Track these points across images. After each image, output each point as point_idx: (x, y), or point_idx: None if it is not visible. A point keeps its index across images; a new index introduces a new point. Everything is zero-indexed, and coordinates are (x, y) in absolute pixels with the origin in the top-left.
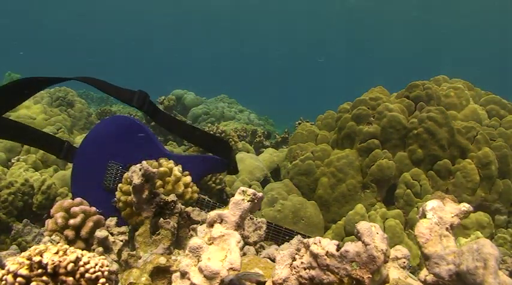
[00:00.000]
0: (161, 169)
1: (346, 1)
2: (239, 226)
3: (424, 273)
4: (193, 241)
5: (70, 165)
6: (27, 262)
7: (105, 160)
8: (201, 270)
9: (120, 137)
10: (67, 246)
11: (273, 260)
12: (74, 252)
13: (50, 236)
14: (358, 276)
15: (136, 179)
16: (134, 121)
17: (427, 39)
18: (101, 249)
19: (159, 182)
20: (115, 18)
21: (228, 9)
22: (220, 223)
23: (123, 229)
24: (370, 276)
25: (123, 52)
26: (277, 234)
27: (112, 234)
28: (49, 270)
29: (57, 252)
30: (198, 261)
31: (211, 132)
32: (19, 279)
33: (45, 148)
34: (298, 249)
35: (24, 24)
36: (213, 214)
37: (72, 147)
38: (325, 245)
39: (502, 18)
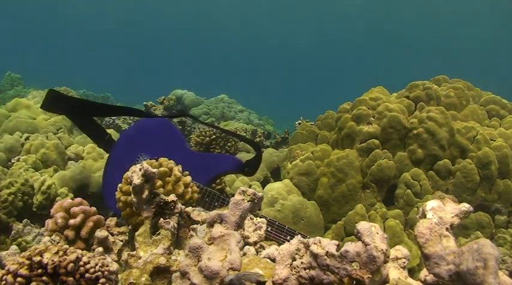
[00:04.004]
0: (161, 169)
1: (348, 2)
2: (239, 226)
3: (424, 273)
4: (193, 241)
5: (70, 165)
6: (27, 262)
7: (137, 153)
8: (201, 270)
9: (152, 134)
10: (67, 246)
11: (273, 260)
12: (74, 252)
13: (50, 236)
14: (358, 276)
15: (137, 180)
16: (168, 122)
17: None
18: (101, 249)
19: (159, 182)
20: (115, 15)
21: (228, 9)
22: (220, 223)
23: (123, 229)
24: (370, 276)
25: (123, 52)
26: (280, 233)
27: (112, 234)
28: (49, 270)
29: (57, 252)
30: (198, 261)
31: (243, 134)
32: (19, 279)
33: (92, 135)
34: (298, 249)
35: (24, 23)
36: (213, 214)
37: (111, 140)
38: (325, 245)
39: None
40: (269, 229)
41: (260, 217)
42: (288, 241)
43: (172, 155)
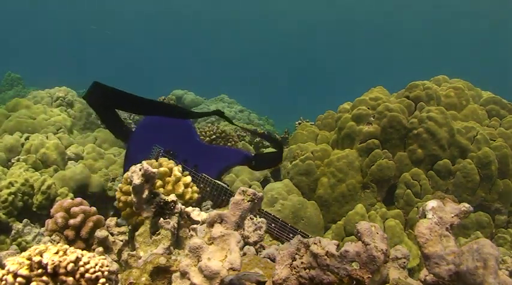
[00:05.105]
0: (161, 169)
1: (345, 3)
2: (239, 226)
3: (424, 273)
4: (193, 241)
5: (70, 165)
6: (27, 262)
7: (152, 144)
8: (201, 270)
9: (167, 126)
10: (67, 246)
11: (273, 260)
12: (74, 252)
13: (50, 236)
14: (358, 276)
15: (137, 180)
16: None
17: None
18: (101, 249)
19: (159, 182)
20: (114, 15)
21: (228, 9)
22: (220, 223)
23: (123, 229)
24: (370, 276)
25: (123, 51)
26: (283, 230)
27: (112, 234)
28: (49, 270)
29: (57, 252)
30: (198, 261)
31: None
32: (19, 279)
33: (112, 128)
34: (298, 249)
35: (24, 24)
36: (213, 214)
37: (129, 131)
38: (325, 245)
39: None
40: (272, 225)
41: (264, 213)
42: (290, 239)
43: (184, 147)
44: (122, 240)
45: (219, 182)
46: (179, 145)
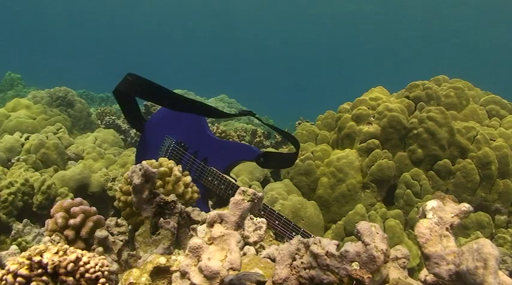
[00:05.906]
0: (161, 169)
1: (345, 5)
2: (239, 226)
3: (424, 273)
4: (193, 241)
5: (70, 165)
6: (27, 262)
7: (164, 134)
8: (201, 270)
9: (179, 118)
10: (67, 246)
11: (273, 260)
12: (74, 252)
13: (50, 236)
14: (358, 276)
15: (137, 179)
16: None
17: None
18: (101, 249)
19: (159, 182)
20: (115, 16)
21: (229, 9)
22: (220, 222)
23: (123, 229)
24: (370, 276)
25: (123, 52)
26: (286, 228)
27: (112, 234)
28: (49, 270)
29: (57, 252)
30: (198, 261)
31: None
32: (19, 279)
33: (129, 117)
34: (298, 249)
35: (25, 24)
36: (213, 213)
37: (144, 121)
38: (325, 245)
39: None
40: (276, 222)
41: (269, 210)
42: (293, 238)
43: (196, 140)
44: (122, 240)
45: (227, 176)
46: (191, 137)
